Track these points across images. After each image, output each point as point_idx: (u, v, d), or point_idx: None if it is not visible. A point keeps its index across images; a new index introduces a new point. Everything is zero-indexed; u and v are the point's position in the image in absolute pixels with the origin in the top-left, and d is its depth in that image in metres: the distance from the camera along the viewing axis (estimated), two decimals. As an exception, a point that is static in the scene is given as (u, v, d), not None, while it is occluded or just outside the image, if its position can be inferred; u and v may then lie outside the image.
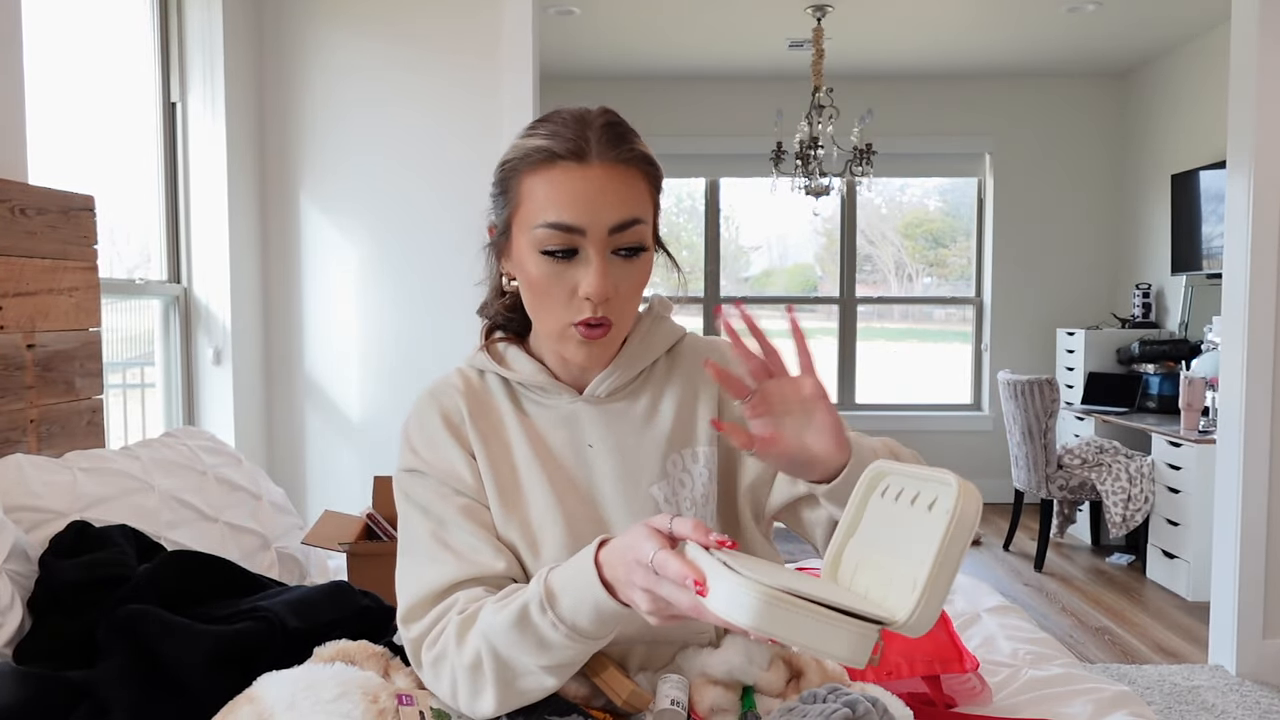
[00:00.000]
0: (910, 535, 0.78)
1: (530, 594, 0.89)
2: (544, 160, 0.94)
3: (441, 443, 1.04)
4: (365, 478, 3.01)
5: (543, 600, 0.88)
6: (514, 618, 0.89)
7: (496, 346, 1.09)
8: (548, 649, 0.89)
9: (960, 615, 1.84)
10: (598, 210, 0.93)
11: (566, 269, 0.95)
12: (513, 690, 0.93)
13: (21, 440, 1.82)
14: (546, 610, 0.88)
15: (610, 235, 0.94)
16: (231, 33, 2.84)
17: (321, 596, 1.41)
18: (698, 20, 4.60)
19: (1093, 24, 4.67)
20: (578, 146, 0.94)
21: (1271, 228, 2.98)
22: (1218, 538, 3.16)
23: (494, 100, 2.93)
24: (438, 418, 1.05)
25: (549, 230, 0.93)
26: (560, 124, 0.96)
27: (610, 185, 0.93)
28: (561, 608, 0.87)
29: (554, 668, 0.91)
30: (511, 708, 0.95)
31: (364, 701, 0.88)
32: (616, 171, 0.94)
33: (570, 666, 0.92)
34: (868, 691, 1.07)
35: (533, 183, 0.95)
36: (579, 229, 0.93)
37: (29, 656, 1.31)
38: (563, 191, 0.93)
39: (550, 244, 0.94)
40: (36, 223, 1.88)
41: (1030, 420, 4.22)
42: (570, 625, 0.87)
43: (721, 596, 0.72)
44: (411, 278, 3.01)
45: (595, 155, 0.94)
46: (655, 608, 0.80)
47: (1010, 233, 5.75)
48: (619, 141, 0.95)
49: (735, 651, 1.00)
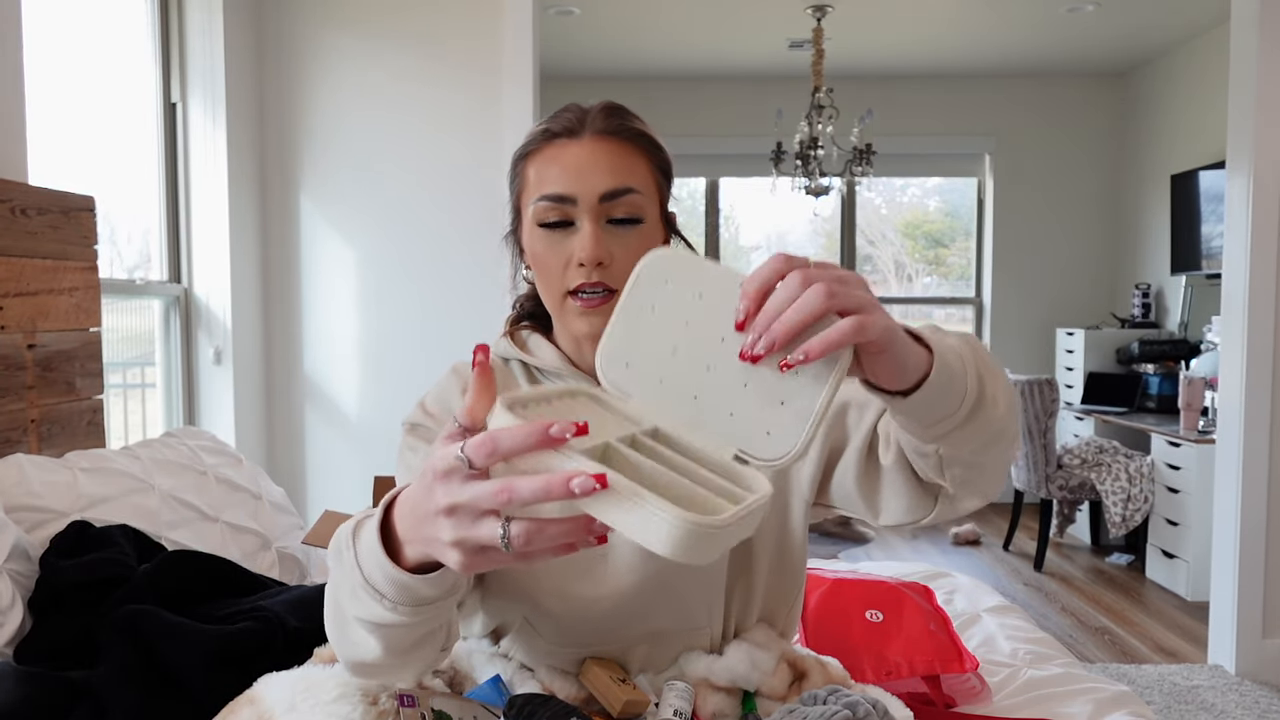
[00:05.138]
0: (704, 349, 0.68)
1: (349, 521, 0.76)
2: (543, 141, 0.98)
3: (456, 409, 1.03)
4: (365, 478, 3.01)
5: (349, 534, 0.74)
6: (336, 545, 0.75)
7: (520, 334, 1.10)
8: (355, 595, 0.73)
9: (960, 615, 1.84)
10: (587, 178, 0.95)
11: (563, 240, 0.96)
12: (345, 638, 0.79)
13: (22, 440, 1.82)
14: (349, 546, 0.73)
15: (601, 203, 0.95)
16: (232, 33, 2.84)
17: (321, 596, 1.41)
18: (698, 20, 4.60)
19: (1093, 24, 4.67)
20: (573, 124, 0.97)
21: (1271, 228, 2.98)
22: (1217, 537, 3.16)
23: (494, 100, 2.93)
24: (459, 389, 1.05)
25: (544, 203, 0.96)
26: (564, 110, 1.00)
27: (602, 155, 0.96)
28: (360, 548, 0.72)
29: (370, 625, 0.74)
30: (349, 664, 0.81)
31: (364, 703, 0.88)
32: (608, 143, 0.96)
33: (394, 633, 0.74)
34: (868, 693, 1.07)
35: (532, 164, 0.99)
36: (570, 198, 0.95)
37: (29, 656, 1.31)
38: (555, 164, 0.96)
39: (546, 216, 0.96)
40: (37, 223, 1.88)
41: (1030, 420, 4.22)
42: (366, 575, 0.71)
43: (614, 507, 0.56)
44: (411, 277, 3.01)
45: (588, 129, 0.97)
46: (459, 534, 0.61)
47: (1010, 233, 5.76)
48: (613, 117, 0.98)
49: (739, 660, 0.99)
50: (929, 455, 0.84)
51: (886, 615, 1.51)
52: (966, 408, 0.76)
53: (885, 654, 1.43)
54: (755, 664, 0.99)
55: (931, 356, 0.72)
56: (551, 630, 1.01)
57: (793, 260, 0.65)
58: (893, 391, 0.73)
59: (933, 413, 0.75)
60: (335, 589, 0.78)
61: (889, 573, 2.04)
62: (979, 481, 0.88)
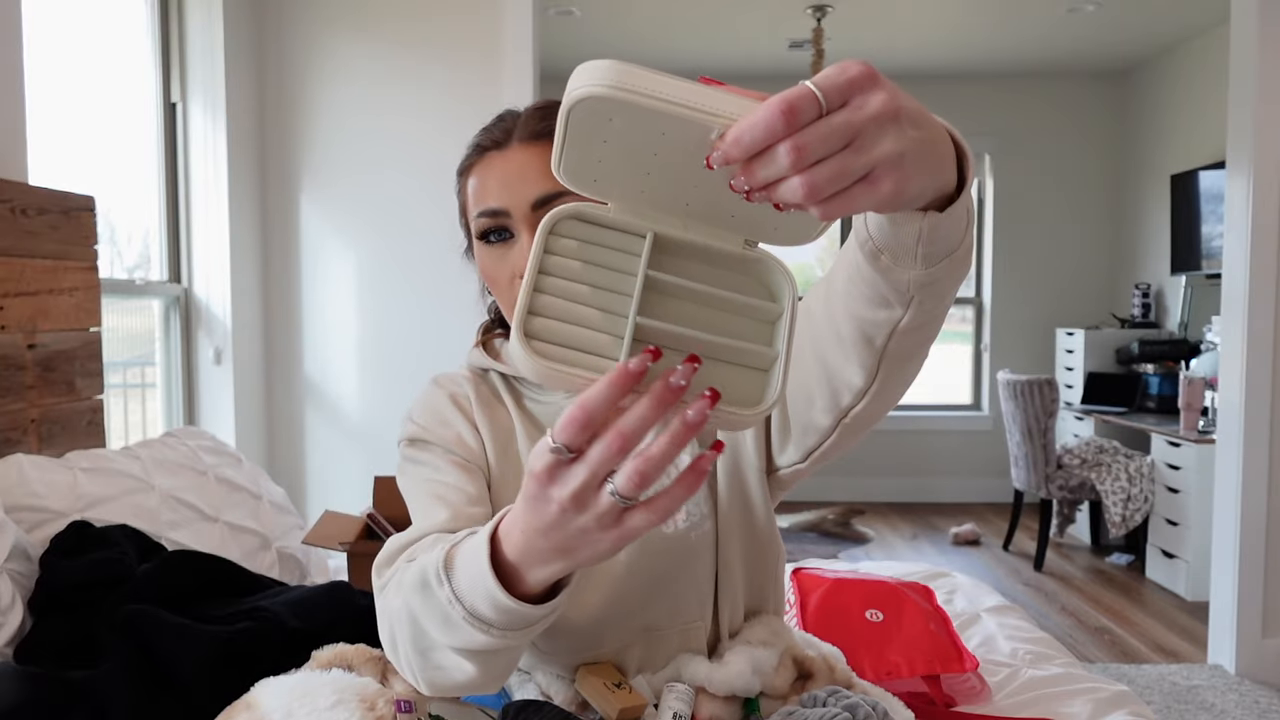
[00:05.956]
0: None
1: (433, 557, 0.74)
2: (475, 156, 1.00)
3: (451, 418, 1.03)
4: (365, 478, 3.01)
5: (439, 570, 0.72)
6: (419, 579, 0.75)
7: (493, 343, 1.10)
8: (452, 627, 0.72)
9: (960, 615, 1.84)
10: (517, 188, 0.95)
11: (506, 253, 0.97)
12: (430, 664, 0.78)
13: (22, 440, 1.82)
14: (443, 582, 0.72)
15: (535, 211, 0.95)
16: (232, 33, 2.84)
17: (321, 597, 1.42)
18: (698, 20, 4.60)
19: (1093, 24, 4.67)
20: (500, 135, 0.98)
21: (1271, 228, 2.98)
22: (1217, 537, 3.16)
23: (494, 101, 2.93)
24: (445, 398, 1.05)
25: (481, 219, 0.97)
26: (497, 120, 1.01)
27: (531, 162, 0.95)
28: (458, 583, 0.71)
29: (467, 652, 0.74)
30: (437, 687, 0.80)
31: (361, 708, 0.88)
32: (537, 148, 0.96)
33: (493, 656, 0.74)
34: (869, 694, 1.06)
35: (469, 179, 1.00)
36: (504, 210, 0.95)
37: (29, 656, 1.31)
38: (488, 178, 0.97)
39: (485, 231, 0.97)
40: (37, 223, 1.88)
41: (1030, 420, 4.22)
42: (469, 608, 0.70)
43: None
44: (411, 277, 3.01)
45: (515, 138, 0.97)
46: (609, 522, 0.61)
47: (1010, 233, 5.76)
48: (540, 120, 0.98)
49: (740, 670, 0.97)
50: (882, 324, 0.73)
51: (886, 615, 1.51)
52: (969, 237, 0.66)
53: (885, 654, 1.43)
54: (757, 668, 0.98)
55: (960, 174, 0.61)
56: (545, 632, 1.00)
57: (791, 114, 0.51)
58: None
59: (946, 240, 0.64)
60: (415, 618, 0.76)
61: (889, 573, 2.04)
62: (915, 359, 0.78)
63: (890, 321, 0.72)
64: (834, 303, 0.77)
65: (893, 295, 0.70)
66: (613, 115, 0.56)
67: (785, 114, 0.51)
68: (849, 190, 0.53)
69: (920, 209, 0.62)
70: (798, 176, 0.52)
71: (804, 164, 0.51)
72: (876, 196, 0.53)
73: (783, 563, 1.09)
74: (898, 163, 0.53)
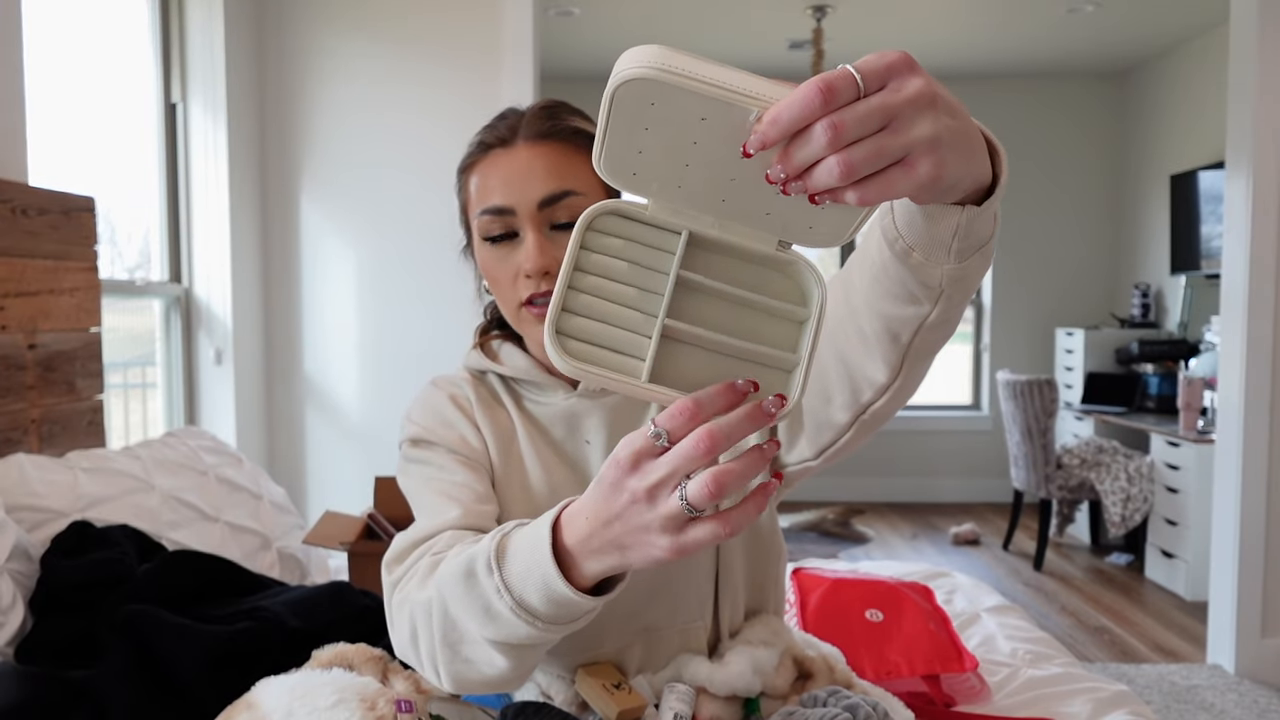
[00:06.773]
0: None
1: (482, 546, 0.76)
2: (478, 154, 0.99)
3: (453, 419, 1.03)
4: (365, 478, 3.01)
5: (490, 558, 0.74)
6: (462, 569, 0.76)
7: (491, 344, 1.10)
8: (493, 618, 0.74)
9: (960, 615, 1.85)
10: (523, 187, 0.95)
11: (510, 252, 0.97)
12: (458, 657, 0.79)
13: (23, 440, 1.82)
14: (493, 571, 0.73)
15: (541, 210, 0.95)
16: (232, 33, 2.84)
17: (322, 597, 1.42)
18: (698, 21, 4.60)
19: (1092, 24, 4.67)
20: (506, 133, 0.97)
21: (1270, 228, 2.98)
22: (1216, 537, 3.17)
23: (494, 100, 2.93)
24: (446, 399, 1.04)
25: (485, 217, 0.97)
26: (500, 117, 1.00)
27: (537, 161, 0.95)
28: (510, 572, 0.73)
29: (504, 646, 0.75)
30: (462, 682, 0.81)
31: (361, 708, 0.87)
32: (542, 147, 0.96)
33: (528, 651, 0.76)
34: (869, 694, 1.06)
35: (472, 177, 0.99)
36: (509, 209, 0.95)
37: (29, 656, 1.31)
38: (492, 176, 0.96)
39: (489, 230, 0.97)
40: (37, 223, 1.88)
41: (1029, 420, 4.22)
42: (517, 598, 0.72)
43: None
44: (411, 278, 3.01)
45: (521, 137, 0.97)
46: (671, 522, 0.62)
47: (1009, 233, 5.76)
48: (546, 119, 0.97)
49: (740, 671, 0.97)
50: (909, 320, 0.73)
51: (886, 615, 1.51)
52: (996, 230, 0.68)
53: (885, 653, 1.43)
54: (758, 668, 0.98)
55: (994, 164, 0.63)
56: None
57: (830, 93, 0.51)
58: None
59: (979, 234, 0.65)
60: (447, 610, 0.78)
61: (889, 573, 2.04)
62: (934, 355, 0.78)
63: (918, 317, 0.72)
64: (855, 300, 0.77)
65: (921, 291, 0.70)
66: (655, 99, 0.57)
67: (823, 93, 0.51)
68: (886, 173, 0.53)
69: (956, 202, 0.62)
70: (834, 156, 0.52)
71: (841, 143, 0.51)
72: (913, 180, 0.54)
73: (784, 563, 1.09)
74: (934, 146, 0.53)
